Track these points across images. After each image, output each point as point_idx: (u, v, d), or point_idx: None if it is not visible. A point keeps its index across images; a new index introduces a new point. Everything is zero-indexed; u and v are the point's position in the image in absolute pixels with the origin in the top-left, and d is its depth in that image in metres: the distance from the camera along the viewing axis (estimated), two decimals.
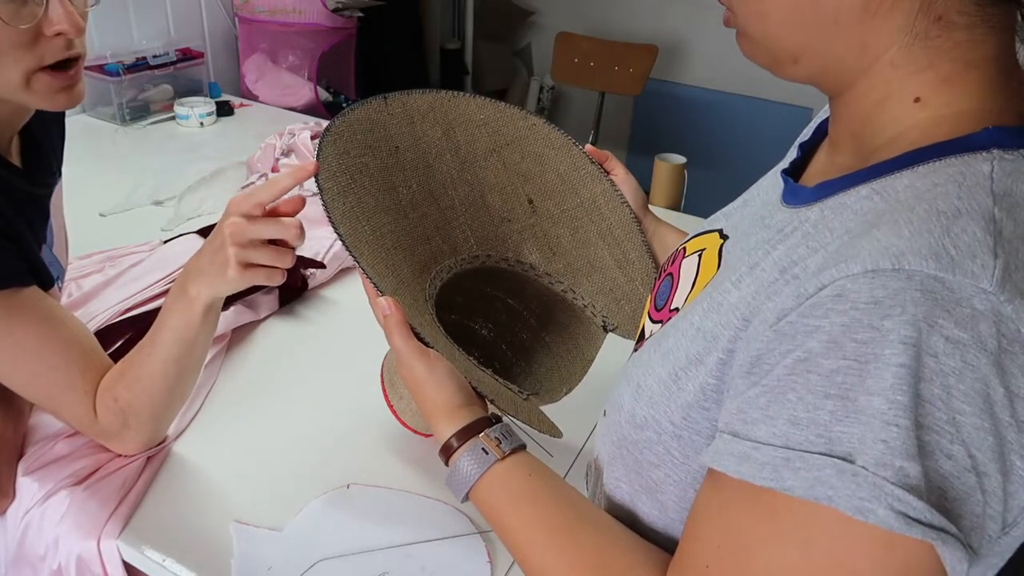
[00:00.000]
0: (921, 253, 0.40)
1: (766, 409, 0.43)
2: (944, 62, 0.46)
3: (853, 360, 0.40)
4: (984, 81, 0.47)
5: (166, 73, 1.94)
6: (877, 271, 0.40)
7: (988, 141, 0.45)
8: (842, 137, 0.53)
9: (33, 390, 0.82)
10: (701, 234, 0.67)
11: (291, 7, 2.13)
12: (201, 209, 1.47)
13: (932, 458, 0.39)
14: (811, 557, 0.41)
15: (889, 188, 0.46)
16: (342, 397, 1.03)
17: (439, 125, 0.84)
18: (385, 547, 0.81)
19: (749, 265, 0.52)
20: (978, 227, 0.41)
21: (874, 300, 0.40)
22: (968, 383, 0.39)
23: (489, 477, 0.61)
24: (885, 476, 0.39)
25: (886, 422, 0.39)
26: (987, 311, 0.39)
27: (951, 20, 0.46)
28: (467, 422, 0.63)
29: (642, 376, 0.57)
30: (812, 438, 0.41)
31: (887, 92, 0.48)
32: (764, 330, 0.44)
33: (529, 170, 0.88)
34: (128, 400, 0.83)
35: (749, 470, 0.43)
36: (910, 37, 0.46)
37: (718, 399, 0.50)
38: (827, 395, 0.40)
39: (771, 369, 0.43)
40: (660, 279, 0.70)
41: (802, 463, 0.41)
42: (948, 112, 0.47)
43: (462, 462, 0.62)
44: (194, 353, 0.84)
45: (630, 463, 0.58)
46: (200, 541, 0.81)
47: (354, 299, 1.24)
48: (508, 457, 0.61)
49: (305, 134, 1.70)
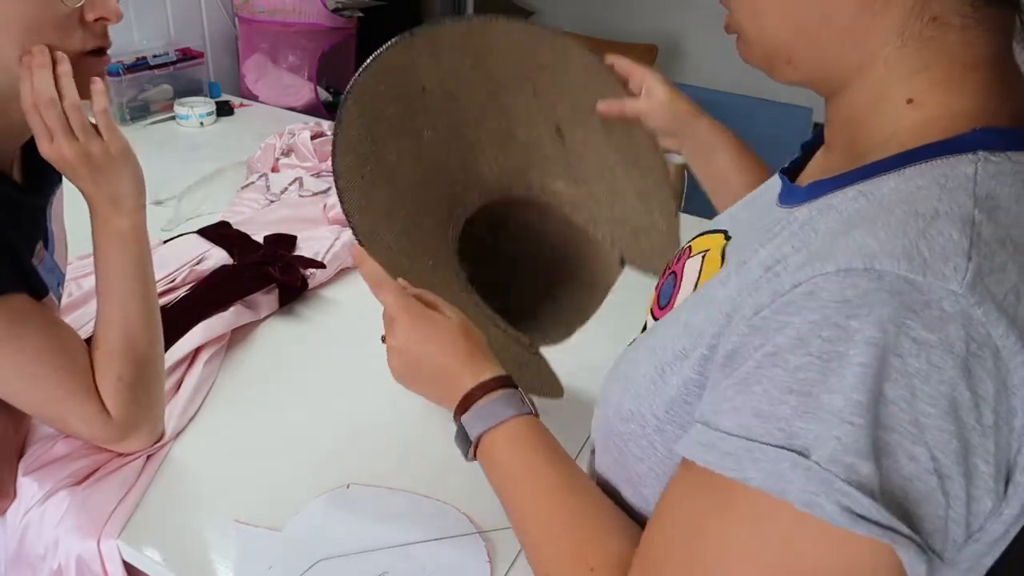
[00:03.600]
0: (894, 254, 0.40)
1: (733, 400, 0.43)
2: (938, 63, 0.46)
3: (817, 357, 0.40)
4: (979, 83, 0.46)
5: (166, 73, 1.94)
6: (849, 270, 0.40)
7: (975, 143, 0.44)
8: (836, 138, 0.54)
9: (37, 395, 0.81)
10: (706, 233, 0.67)
11: (291, 7, 2.13)
12: (201, 209, 1.47)
13: (893, 458, 0.39)
14: (762, 546, 0.42)
15: (875, 190, 0.46)
16: (342, 397, 1.03)
17: (469, 54, 0.82)
18: (385, 547, 0.81)
19: (737, 263, 0.52)
20: (955, 229, 0.40)
21: (843, 299, 0.40)
22: (933, 385, 0.39)
23: (520, 420, 0.62)
24: (835, 472, 0.39)
25: (842, 419, 0.39)
26: (956, 313, 0.39)
27: (946, 21, 0.45)
28: (504, 373, 0.65)
29: (630, 369, 0.57)
30: (773, 431, 0.41)
31: (881, 93, 0.48)
32: (741, 325, 0.45)
33: (559, 97, 0.86)
34: (128, 368, 0.84)
35: (713, 458, 0.43)
36: (904, 38, 0.46)
37: (700, 394, 0.50)
38: (790, 390, 0.41)
39: (743, 362, 0.44)
40: (664, 277, 0.70)
41: (762, 454, 0.41)
42: (941, 113, 0.47)
43: (496, 401, 0.62)
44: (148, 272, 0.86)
45: (616, 456, 0.58)
46: (200, 541, 0.81)
47: (354, 299, 1.24)
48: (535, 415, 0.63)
49: (305, 134, 1.70)
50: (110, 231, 0.84)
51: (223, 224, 1.35)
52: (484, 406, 0.62)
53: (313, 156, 1.65)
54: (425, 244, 0.75)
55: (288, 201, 1.49)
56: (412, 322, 0.66)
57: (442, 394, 0.65)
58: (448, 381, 0.65)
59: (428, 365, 0.66)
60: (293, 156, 1.67)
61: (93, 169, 0.80)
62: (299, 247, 1.30)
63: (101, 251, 0.84)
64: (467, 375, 0.64)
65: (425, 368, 0.66)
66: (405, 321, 0.66)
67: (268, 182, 1.54)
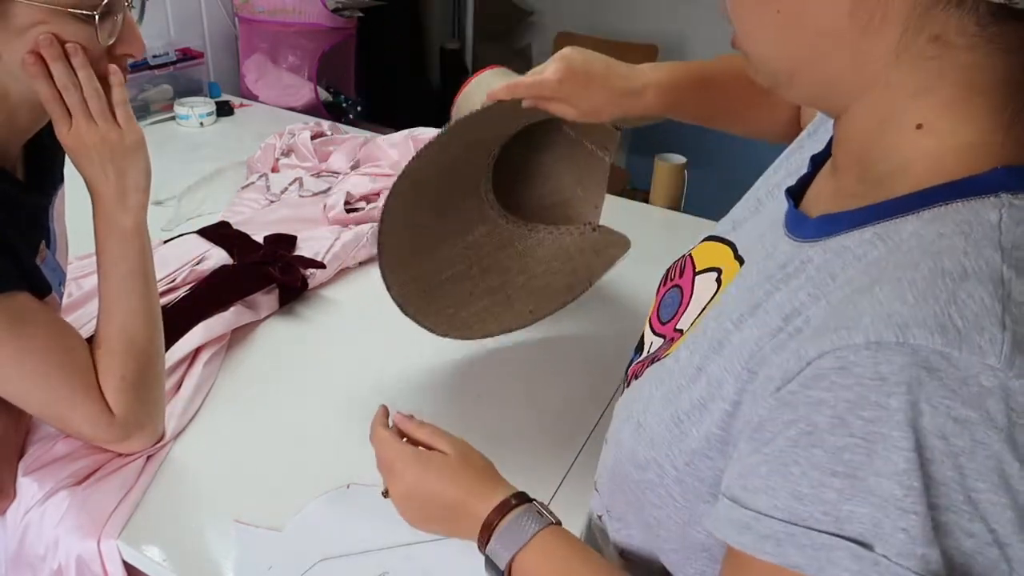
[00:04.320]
0: (927, 325, 0.38)
1: (767, 479, 0.42)
2: (944, 85, 0.44)
3: (861, 438, 0.39)
4: (989, 108, 0.44)
5: (166, 73, 1.94)
6: (881, 344, 0.39)
7: (996, 184, 0.43)
8: (845, 160, 0.52)
9: (41, 395, 0.81)
10: (710, 240, 0.66)
11: (291, 7, 2.13)
12: (201, 209, 1.47)
13: (952, 537, 0.38)
14: None
15: (893, 234, 0.44)
16: (342, 397, 1.03)
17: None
18: (385, 547, 0.81)
19: (751, 305, 0.51)
20: (986, 292, 0.39)
21: (879, 376, 0.39)
22: (980, 460, 0.38)
23: (544, 534, 0.61)
24: (908, 566, 0.38)
25: (903, 509, 0.38)
26: (995, 388, 0.38)
27: (949, 40, 0.43)
28: (517, 491, 0.65)
29: (642, 413, 0.56)
30: (818, 515, 0.40)
31: (886, 115, 0.47)
32: (768, 394, 0.44)
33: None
34: (131, 367, 0.84)
35: (750, 541, 0.42)
36: (904, 56, 0.44)
37: (723, 450, 0.49)
38: (834, 472, 0.39)
39: (773, 438, 0.42)
40: (665, 288, 0.68)
41: (808, 540, 0.40)
42: (954, 143, 0.45)
43: (517, 520, 0.62)
44: (149, 270, 0.87)
45: (631, 500, 0.58)
46: (200, 541, 0.81)
47: (354, 299, 1.24)
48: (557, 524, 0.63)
49: (305, 134, 1.70)
50: (113, 228, 0.84)
51: (223, 224, 1.35)
52: (506, 529, 0.62)
53: (313, 156, 1.65)
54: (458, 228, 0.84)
55: (288, 201, 1.49)
56: (409, 466, 0.67)
57: (460, 528, 0.65)
58: (461, 514, 0.65)
59: (438, 503, 0.66)
60: (293, 156, 1.67)
61: (107, 156, 0.80)
62: (299, 247, 1.30)
63: (104, 248, 0.85)
64: (479, 503, 0.64)
65: (436, 507, 0.66)
66: (402, 466, 0.68)
67: (268, 182, 1.54)
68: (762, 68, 0.51)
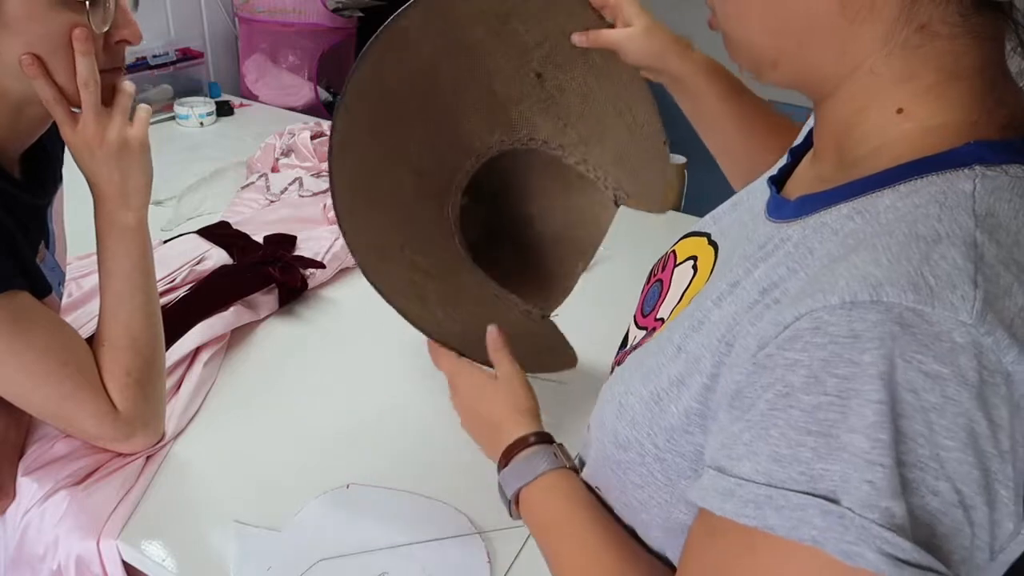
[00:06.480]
0: (899, 284, 0.39)
1: (750, 445, 0.42)
2: (927, 72, 0.45)
3: (835, 396, 0.39)
4: (969, 92, 0.45)
5: (166, 73, 1.94)
6: (855, 303, 0.39)
7: (971, 156, 0.43)
8: (825, 146, 0.53)
9: (45, 393, 0.81)
10: (690, 236, 0.66)
11: (291, 7, 2.13)
12: (201, 209, 1.47)
13: (918, 495, 0.38)
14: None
15: (870, 208, 0.45)
16: (342, 397, 1.03)
17: (437, 35, 0.80)
18: (385, 547, 0.81)
19: (730, 283, 0.51)
20: (958, 253, 0.40)
21: (853, 334, 0.39)
22: (950, 418, 0.38)
23: (553, 475, 0.64)
24: (872, 518, 0.38)
25: (870, 461, 0.38)
26: (967, 344, 0.38)
27: (934, 30, 0.44)
28: (543, 431, 0.69)
29: (624, 394, 0.56)
30: (795, 476, 0.40)
31: (868, 101, 0.47)
32: (745, 360, 0.44)
33: (532, 40, 0.84)
34: (136, 364, 0.84)
35: (732, 507, 0.42)
36: (891, 46, 0.45)
37: (702, 424, 0.49)
38: (809, 431, 0.39)
39: (753, 403, 0.42)
40: (649, 284, 0.69)
41: (785, 501, 0.40)
42: (933, 124, 0.46)
43: (533, 456, 0.66)
44: (151, 267, 0.88)
45: (613, 482, 0.58)
46: (200, 541, 0.81)
47: (354, 299, 1.24)
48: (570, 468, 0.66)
49: (305, 134, 1.70)
50: (115, 226, 0.84)
51: (223, 224, 1.35)
52: (520, 461, 0.66)
53: (313, 156, 1.65)
54: (421, 232, 0.77)
55: (288, 201, 1.49)
56: (466, 381, 0.75)
57: (491, 449, 0.71)
58: (495, 433, 0.70)
59: (482, 418, 0.73)
60: (293, 156, 1.67)
61: (113, 155, 0.80)
62: (299, 247, 1.30)
63: (106, 247, 0.85)
64: (511, 429, 0.69)
65: (480, 420, 0.74)
66: (460, 382, 0.76)
67: (268, 182, 1.54)
68: (744, 52, 0.51)
